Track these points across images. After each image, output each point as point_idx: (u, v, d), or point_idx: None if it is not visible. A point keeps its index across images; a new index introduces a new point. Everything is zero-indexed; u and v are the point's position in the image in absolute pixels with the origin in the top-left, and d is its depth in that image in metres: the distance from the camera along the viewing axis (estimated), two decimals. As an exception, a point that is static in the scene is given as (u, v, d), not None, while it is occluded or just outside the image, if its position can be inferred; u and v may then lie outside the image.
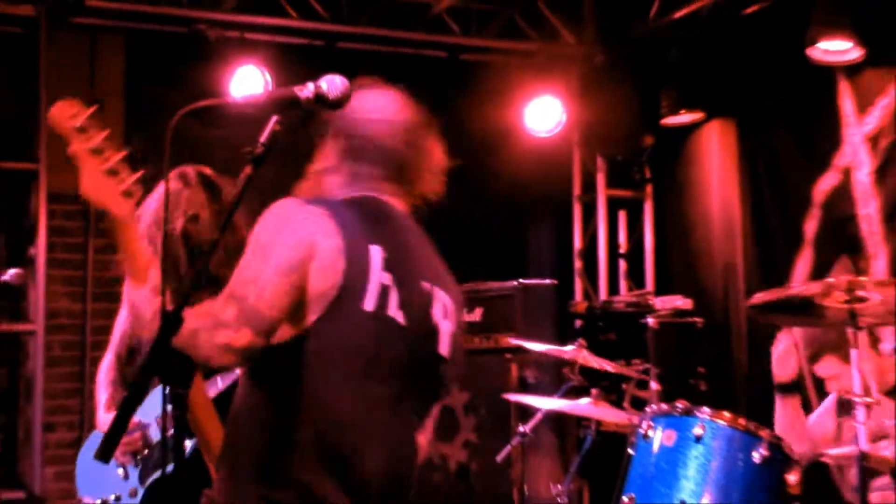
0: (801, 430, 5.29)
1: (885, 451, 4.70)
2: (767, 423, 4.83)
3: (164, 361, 2.66)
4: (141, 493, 4.49)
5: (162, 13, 7.35)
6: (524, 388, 6.90)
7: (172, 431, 2.78)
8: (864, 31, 6.54)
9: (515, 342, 6.48)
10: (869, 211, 6.94)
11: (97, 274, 7.50)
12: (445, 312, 3.18)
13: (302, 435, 2.93)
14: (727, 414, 4.57)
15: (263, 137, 2.82)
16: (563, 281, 8.18)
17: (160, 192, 4.14)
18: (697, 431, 4.51)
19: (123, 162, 2.91)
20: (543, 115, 8.14)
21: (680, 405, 4.70)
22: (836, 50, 6.67)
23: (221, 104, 3.25)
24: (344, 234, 2.97)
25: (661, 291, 8.35)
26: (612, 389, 6.21)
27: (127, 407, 2.67)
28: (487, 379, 6.79)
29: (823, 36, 6.58)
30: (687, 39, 7.83)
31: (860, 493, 4.40)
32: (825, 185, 7.25)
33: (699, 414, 4.59)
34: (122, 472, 4.54)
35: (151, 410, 4.32)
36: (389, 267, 3.05)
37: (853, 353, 4.55)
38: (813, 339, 5.39)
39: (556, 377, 6.60)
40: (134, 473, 4.54)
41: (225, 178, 4.44)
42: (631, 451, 4.75)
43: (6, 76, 7.21)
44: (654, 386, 5.65)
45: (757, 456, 4.45)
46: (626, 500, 4.60)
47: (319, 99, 2.88)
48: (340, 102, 2.92)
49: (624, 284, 8.76)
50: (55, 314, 7.26)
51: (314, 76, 2.88)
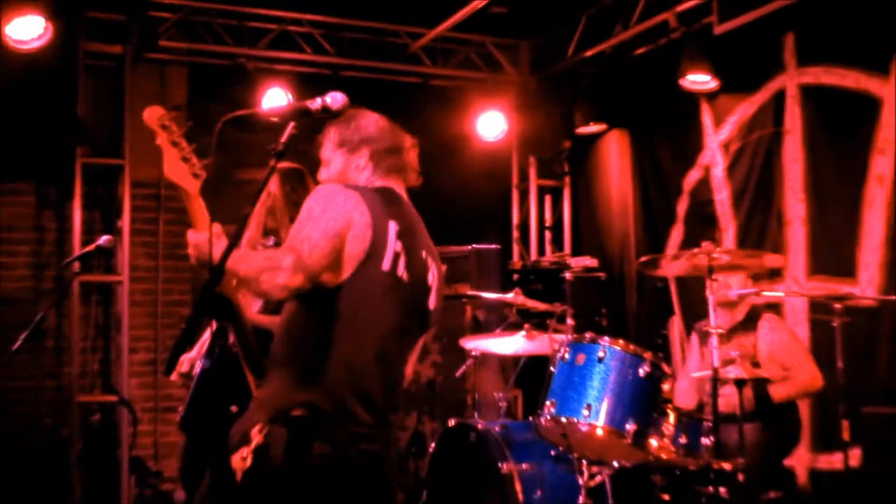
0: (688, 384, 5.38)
1: (730, 372, 4.76)
2: (649, 346, 4.76)
3: (212, 302, 2.65)
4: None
5: (213, 50, 7.37)
6: (476, 324, 6.91)
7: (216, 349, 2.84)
8: (717, 69, 6.64)
9: (470, 291, 6.59)
10: (722, 197, 7.03)
11: (165, 240, 7.50)
12: (434, 276, 3.17)
13: (335, 355, 2.90)
14: (621, 341, 4.60)
15: (283, 138, 2.82)
16: (504, 246, 8.31)
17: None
18: (600, 354, 4.55)
19: (193, 152, 2.93)
20: (491, 125, 8.11)
21: (588, 335, 4.71)
22: (699, 81, 6.75)
23: (252, 114, 2.98)
24: (371, 212, 2.94)
25: (575, 253, 8.36)
26: (539, 325, 5.98)
27: (186, 334, 2.65)
28: (449, 318, 6.75)
29: (690, 71, 6.67)
30: (594, 72, 7.87)
31: (713, 398, 4.60)
32: (692, 177, 7.34)
33: (601, 342, 4.60)
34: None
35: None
36: (401, 238, 3.02)
37: (710, 298, 4.68)
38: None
39: (499, 316, 6.53)
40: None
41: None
42: (552, 368, 4.72)
43: (102, 97, 7.13)
44: (569, 322, 5.58)
45: (642, 371, 4.51)
46: (548, 403, 4.60)
47: (325, 110, 2.87)
48: (340, 112, 2.90)
49: (549, 249, 8.76)
50: (135, 269, 7.25)
51: (322, 94, 2.89)
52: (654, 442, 4.56)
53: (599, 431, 4.42)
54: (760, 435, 5.14)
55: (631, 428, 4.41)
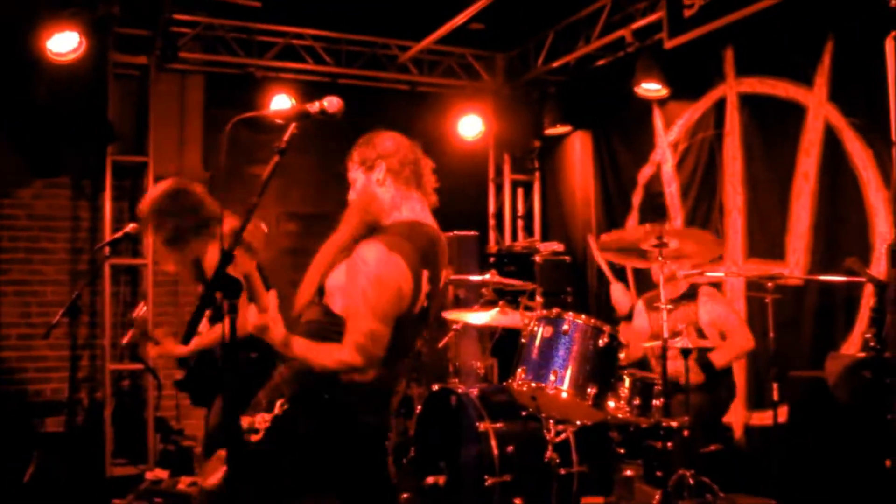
0: (634, 339, 5.35)
1: (678, 342, 4.78)
2: (608, 321, 4.77)
3: (222, 282, 2.63)
4: None
5: (227, 61, 7.34)
6: (457, 301, 6.88)
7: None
8: (667, 78, 6.66)
9: (452, 273, 6.48)
10: (671, 190, 7.04)
11: None
12: (445, 279, 3.15)
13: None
14: (584, 316, 4.59)
15: (286, 137, 2.80)
16: (482, 233, 8.26)
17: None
18: (565, 327, 4.55)
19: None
20: (470, 127, 8.09)
21: (554, 311, 4.71)
22: (651, 89, 6.75)
23: (259, 116, 3.00)
24: (412, 271, 2.90)
25: (544, 239, 8.38)
26: (512, 301, 6.00)
27: (201, 309, 2.67)
28: None
29: (643, 80, 6.68)
30: (561, 81, 7.89)
31: (662, 365, 4.60)
32: (645, 173, 7.34)
33: (566, 316, 4.60)
34: None
35: None
36: (430, 280, 3.00)
37: (659, 277, 4.66)
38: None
39: (477, 294, 6.48)
40: None
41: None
42: (523, 340, 4.71)
43: (129, 102, 7.14)
44: (538, 299, 5.60)
45: (601, 342, 4.52)
46: (520, 370, 4.60)
47: (322, 112, 2.83)
48: (336, 115, 2.85)
49: (521, 235, 8.75)
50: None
51: (320, 99, 2.88)
52: (611, 403, 4.60)
53: (564, 395, 4.44)
54: (702, 396, 5.17)
55: (591, 391, 4.43)
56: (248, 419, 2.86)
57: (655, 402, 4.70)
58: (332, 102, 2.86)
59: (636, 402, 4.70)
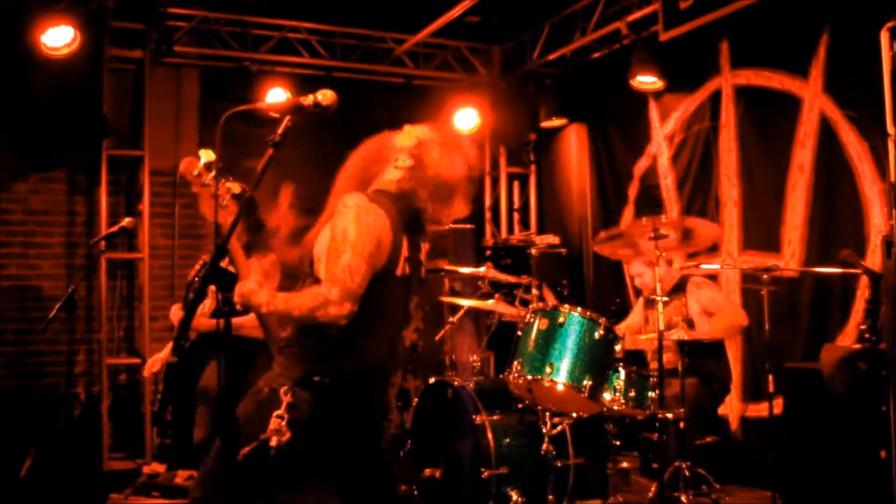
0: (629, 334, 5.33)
1: (673, 335, 4.82)
2: (604, 313, 4.77)
3: (217, 276, 2.67)
4: None
5: (222, 55, 7.33)
6: (454, 293, 6.72)
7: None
8: (663, 71, 6.67)
9: (448, 265, 6.46)
10: (667, 182, 7.04)
11: (181, 222, 7.44)
12: (423, 251, 3.19)
13: (351, 341, 2.90)
14: (580, 309, 4.60)
15: (280, 130, 2.80)
16: (478, 226, 8.35)
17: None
18: (561, 319, 4.54)
19: (221, 188, 2.98)
20: (466, 120, 7.99)
21: (550, 303, 4.76)
22: (647, 81, 6.78)
23: (253, 109, 3.06)
24: (393, 230, 2.94)
25: (540, 232, 8.31)
26: (508, 294, 6.05)
27: (195, 303, 2.68)
28: (430, 288, 6.47)
29: (639, 73, 6.70)
30: (557, 73, 7.87)
31: (659, 358, 4.56)
32: (641, 165, 7.34)
33: (562, 308, 4.60)
34: None
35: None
36: (410, 246, 3.05)
37: (656, 269, 4.65)
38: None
39: (473, 287, 6.53)
40: None
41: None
42: (519, 332, 4.71)
43: (124, 96, 7.14)
44: (534, 292, 5.65)
45: (597, 335, 4.52)
46: (516, 363, 4.60)
47: (316, 105, 2.84)
48: (330, 108, 2.86)
49: (517, 228, 8.72)
50: (155, 247, 7.21)
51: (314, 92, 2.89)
52: (607, 395, 4.61)
53: (560, 387, 4.44)
54: (697, 388, 5.20)
55: (587, 384, 4.43)
56: (275, 422, 2.81)
57: (651, 394, 4.71)
58: (326, 95, 2.86)
59: (632, 394, 4.70)
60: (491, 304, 5.51)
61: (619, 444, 4.98)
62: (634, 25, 6.78)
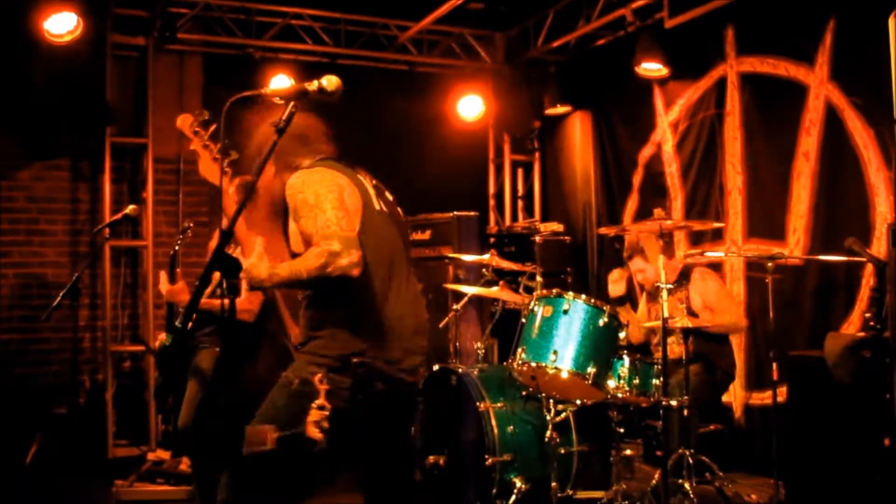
0: (633, 322, 5.35)
1: (676, 323, 4.75)
2: (607, 301, 4.83)
3: (222, 261, 2.64)
4: None
5: (226, 42, 7.32)
6: (457, 281, 6.77)
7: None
8: (668, 58, 6.64)
9: (452, 253, 6.56)
10: (672, 170, 7.04)
11: (184, 209, 7.43)
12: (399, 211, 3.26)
13: (371, 304, 2.89)
14: (584, 296, 4.60)
15: (284, 115, 2.81)
16: (482, 213, 8.10)
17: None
18: (565, 307, 4.55)
19: (220, 152, 2.97)
20: (470, 107, 8.05)
21: (554, 291, 4.71)
22: (652, 69, 6.75)
23: (256, 95, 3.05)
24: (343, 175, 3.05)
25: (544, 219, 8.35)
26: (512, 281, 6.07)
27: (200, 289, 2.70)
28: (434, 276, 6.69)
29: (644, 60, 6.68)
30: (561, 60, 7.86)
31: (663, 346, 4.52)
32: (645, 153, 7.34)
33: (566, 296, 4.60)
34: None
35: None
36: (375, 186, 3.15)
37: (660, 259, 4.61)
38: (628, 247, 5.47)
39: (477, 274, 6.34)
40: None
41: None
42: (524, 319, 4.71)
43: (127, 83, 7.14)
44: (538, 279, 5.52)
45: (601, 322, 4.53)
46: (520, 350, 4.60)
47: (321, 91, 2.84)
48: (334, 94, 2.84)
49: (521, 215, 8.74)
50: (158, 235, 7.20)
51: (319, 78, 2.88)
52: (611, 383, 4.63)
53: (564, 374, 4.44)
54: (701, 376, 5.20)
55: (591, 371, 4.44)
56: (316, 413, 2.76)
57: (655, 381, 4.71)
58: (330, 81, 2.86)
59: (636, 381, 4.71)
60: (495, 291, 5.53)
61: (622, 431, 4.98)
62: (639, 12, 6.77)
